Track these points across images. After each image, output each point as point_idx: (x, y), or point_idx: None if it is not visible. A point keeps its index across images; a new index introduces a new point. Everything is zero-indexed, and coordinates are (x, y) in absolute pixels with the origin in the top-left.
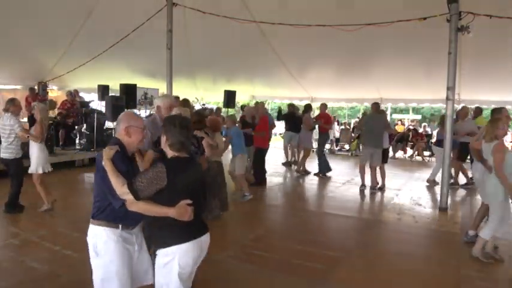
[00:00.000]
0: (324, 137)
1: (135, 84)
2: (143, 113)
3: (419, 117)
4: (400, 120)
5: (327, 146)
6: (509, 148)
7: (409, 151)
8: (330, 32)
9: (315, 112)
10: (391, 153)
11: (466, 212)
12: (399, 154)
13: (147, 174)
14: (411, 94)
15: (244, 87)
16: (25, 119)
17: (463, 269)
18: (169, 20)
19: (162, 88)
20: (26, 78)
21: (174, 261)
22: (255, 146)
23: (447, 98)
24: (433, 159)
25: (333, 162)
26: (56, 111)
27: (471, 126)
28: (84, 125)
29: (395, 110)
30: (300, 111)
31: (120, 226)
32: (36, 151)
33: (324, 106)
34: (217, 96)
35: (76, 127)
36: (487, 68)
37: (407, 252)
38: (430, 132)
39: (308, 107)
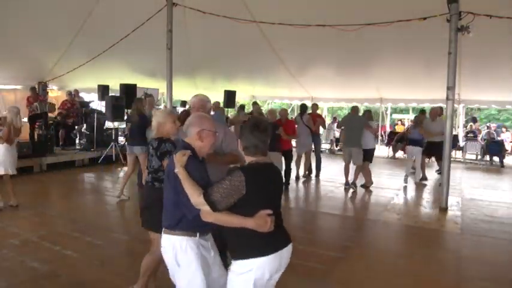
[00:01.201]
0: (317, 139)
1: (135, 84)
2: None
3: None
4: (400, 120)
5: (327, 146)
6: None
7: None
8: (330, 32)
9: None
10: (391, 153)
11: (466, 212)
12: (399, 154)
13: (225, 184)
14: (411, 94)
15: (244, 87)
16: (25, 119)
17: (463, 269)
18: (169, 20)
19: (162, 88)
20: (26, 78)
21: (251, 273)
22: (283, 149)
23: (447, 98)
24: (433, 158)
25: (333, 162)
26: (56, 111)
27: (441, 127)
28: (84, 125)
29: (395, 110)
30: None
31: (197, 234)
32: (1, 152)
33: (315, 106)
34: (217, 96)
35: (76, 127)
36: (487, 68)
37: (407, 252)
38: None
39: (304, 108)
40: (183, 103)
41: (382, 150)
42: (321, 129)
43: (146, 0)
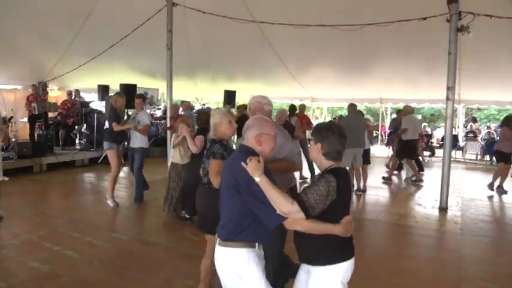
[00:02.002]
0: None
1: (135, 84)
2: None
3: (419, 117)
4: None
5: None
6: None
7: None
8: (330, 32)
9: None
10: (391, 153)
11: (466, 212)
12: None
13: (319, 189)
14: (411, 94)
15: (244, 87)
16: (25, 119)
17: (463, 269)
18: (169, 20)
19: (162, 88)
20: (26, 78)
21: (339, 278)
22: None
23: (447, 98)
24: (433, 159)
25: None
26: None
27: (408, 124)
28: (84, 125)
29: (395, 110)
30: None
31: (256, 245)
32: None
33: (302, 107)
34: (217, 96)
35: (76, 127)
36: (487, 68)
37: (407, 252)
38: (430, 132)
39: (293, 109)
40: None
41: (382, 150)
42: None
43: (146, 0)
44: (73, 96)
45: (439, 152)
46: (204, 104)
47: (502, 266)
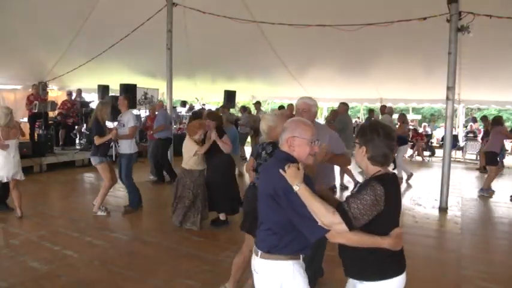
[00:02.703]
0: None
1: (135, 84)
2: (143, 113)
3: (419, 117)
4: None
5: None
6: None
7: (409, 151)
8: (330, 32)
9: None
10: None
11: (466, 212)
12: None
13: (364, 198)
14: (411, 94)
15: (244, 87)
16: (25, 119)
17: (463, 269)
18: (169, 20)
19: (162, 88)
20: (26, 78)
21: None
22: None
23: (447, 98)
24: (433, 159)
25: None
26: (56, 111)
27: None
28: (84, 125)
29: (395, 110)
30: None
31: (301, 256)
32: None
33: (290, 107)
34: (217, 96)
35: (76, 127)
36: (487, 68)
37: (407, 252)
38: (430, 132)
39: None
40: (183, 103)
41: None
42: None
43: (146, 0)
44: (73, 96)
45: (439, 152)
46: (204, 104)
47: (502, 266)
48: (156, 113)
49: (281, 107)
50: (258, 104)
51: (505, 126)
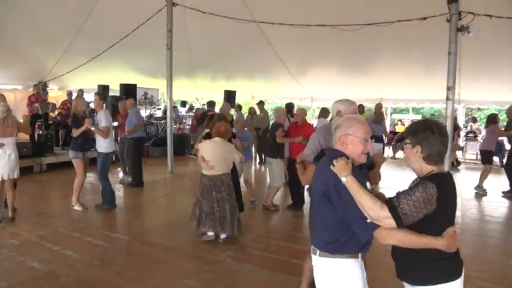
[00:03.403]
0: None
1: (135, 84)
2: (143, 112)
3: (419, 117)
4: (400, 120)
5: None
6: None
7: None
8: (330, 32)
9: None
10: (391, 153)
11: (466, 212)
12: (399, 154)
13: (415, 195)
14: (411, 94)
15: (244, 86)
16: None
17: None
18: (169, 20)
19: (162, 88)
20: (26, 78)
21: None
22: (290, 157)
23: (447, 98)
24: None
25: None
26: (56, 111)
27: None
28: None
29: (395, 110)
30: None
31: (359, 255)
32: None
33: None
34: (217, 96)
35: None
36: (487, 68)
37: None
38: None
39: (292, 108)
40: (183, 103)
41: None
42: None
43: (146, 0)
44: (73, 96)
45: None
46: (204, 104)
47: (502, 266)
48: (129, 111)
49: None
50: (261, 104)
51: (498, 124)
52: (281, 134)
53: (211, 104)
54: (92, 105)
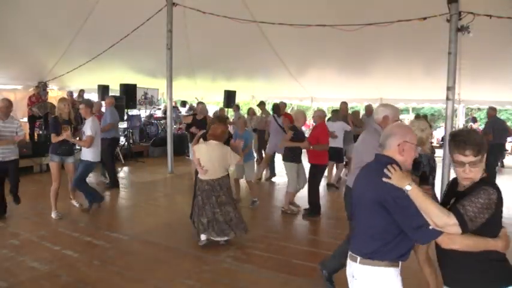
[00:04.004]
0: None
1: (135, 84)
2: (143, 112)
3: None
4: (400, 120)
5: None
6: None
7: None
8: (330, 32)
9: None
10: None
11: None
12: None
13: (479, 201)
14: (411, 94)
15: (244, 86)
16: (25, 119)
17: None
18: (169, 20)
19: (162, 88)
20: (26, 78)
21: None
22: (310, 162)
23: (447, 98)
24: None
25: None
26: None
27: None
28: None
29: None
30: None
31: (400, 263)
32: None
33: (283, 105)
34: (217, 96)
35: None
36: (487, 68)
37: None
38: None
39: (282, 107)
40: (183, 103)
41: None
42: None
43: (146, 0)
44: (74, 97)
45: (439, 152)
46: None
47: None
48: (103, 109)
49: (276, 106)
50: (262, 105)
51: None
52: (288, 137)
53: (238, 106)
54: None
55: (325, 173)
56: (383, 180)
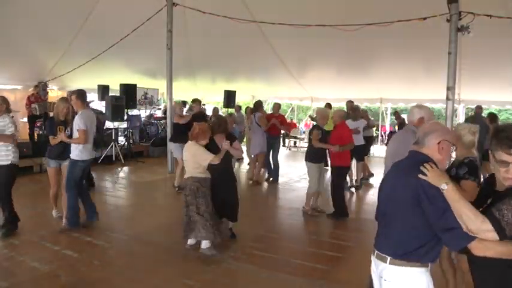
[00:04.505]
0: (278, 141)
1: (135, 84)
2: (143, 113)
3: None
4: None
5: None
6: None
7: None
8: (330, 32)
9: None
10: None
11: None
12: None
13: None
14: (411, 94)
15: (244, 87)
16: (25, 119)
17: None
18: (169, 20)
19: (162, 88)
20: (26, 78)
21: None
22: (334, 164)
23: (447, 98)
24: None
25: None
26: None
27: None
28: None
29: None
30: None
31: (429, 265)
32: None
33: (277, 105)
34: (217, 96)
35: None
36: (487, 68)
37: None
38: None
39: (257, 106)
40: (183, 103)
41: (382, 150)
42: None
43: (146, 0)
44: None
45: None
46: (204, 104)
47: None
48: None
49: (257, 103)
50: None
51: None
52: (316, 137)
53: (195, 101)
54: (91, 105)
55: None
56: (419, 177)
